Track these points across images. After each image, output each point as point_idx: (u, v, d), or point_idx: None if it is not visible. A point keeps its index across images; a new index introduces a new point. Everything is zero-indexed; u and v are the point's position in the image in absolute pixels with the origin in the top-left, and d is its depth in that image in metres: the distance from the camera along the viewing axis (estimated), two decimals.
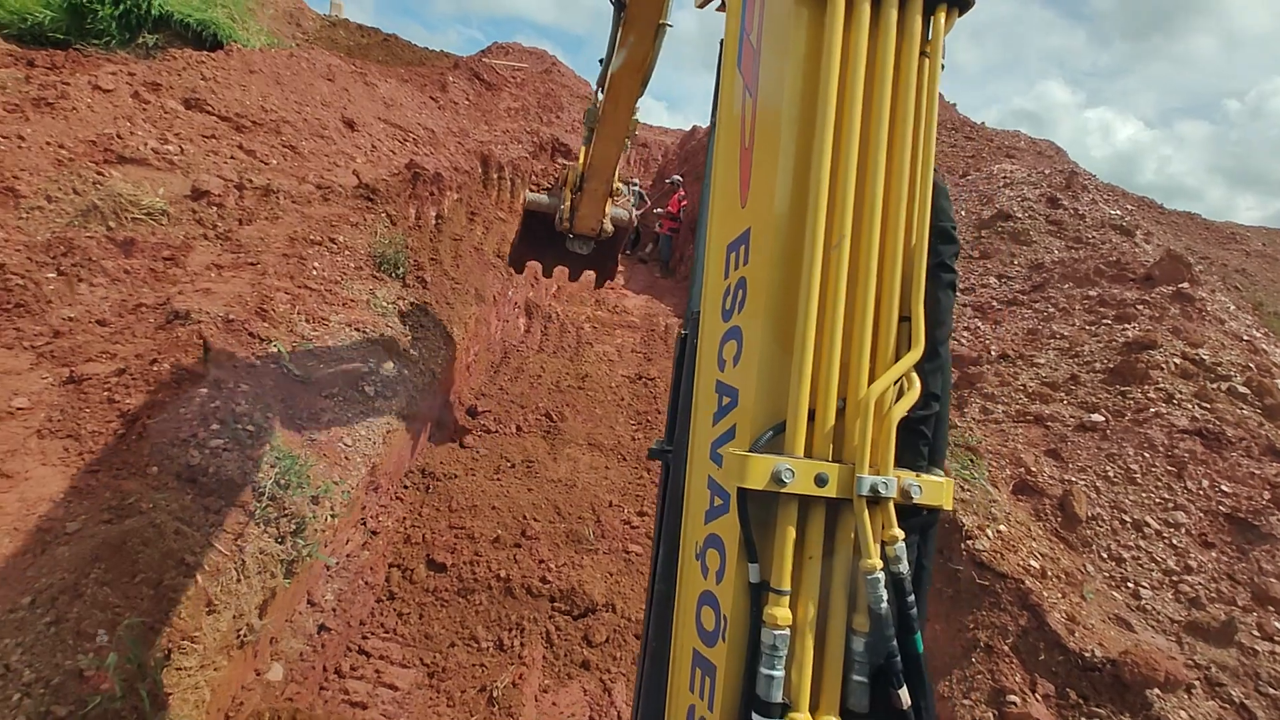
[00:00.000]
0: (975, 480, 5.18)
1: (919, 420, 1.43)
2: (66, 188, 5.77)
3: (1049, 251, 8.77)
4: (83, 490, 3.48)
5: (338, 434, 5.12)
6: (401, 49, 14.83)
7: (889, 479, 1.31)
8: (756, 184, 1.48)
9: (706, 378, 1.56)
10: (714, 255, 1.60)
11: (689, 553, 1.55)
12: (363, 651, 4.53)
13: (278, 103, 8.75)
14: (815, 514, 1.34)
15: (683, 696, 1.47)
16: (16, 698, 2.65)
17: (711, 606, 1.42)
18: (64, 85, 7.07)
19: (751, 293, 1.44)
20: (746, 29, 1.58)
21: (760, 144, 1.48)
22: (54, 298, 4.81)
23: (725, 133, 1.62)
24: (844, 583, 1.34)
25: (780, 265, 1.39)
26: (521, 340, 9.62)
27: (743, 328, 1.45)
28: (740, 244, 1.50)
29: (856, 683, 1.33)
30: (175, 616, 3.25)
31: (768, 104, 1.48)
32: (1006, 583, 4.26)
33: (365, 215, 7.47)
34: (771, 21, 1.50)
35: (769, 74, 1.49)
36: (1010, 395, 6.31)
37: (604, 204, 6.03)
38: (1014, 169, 12.15)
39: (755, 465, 1.29)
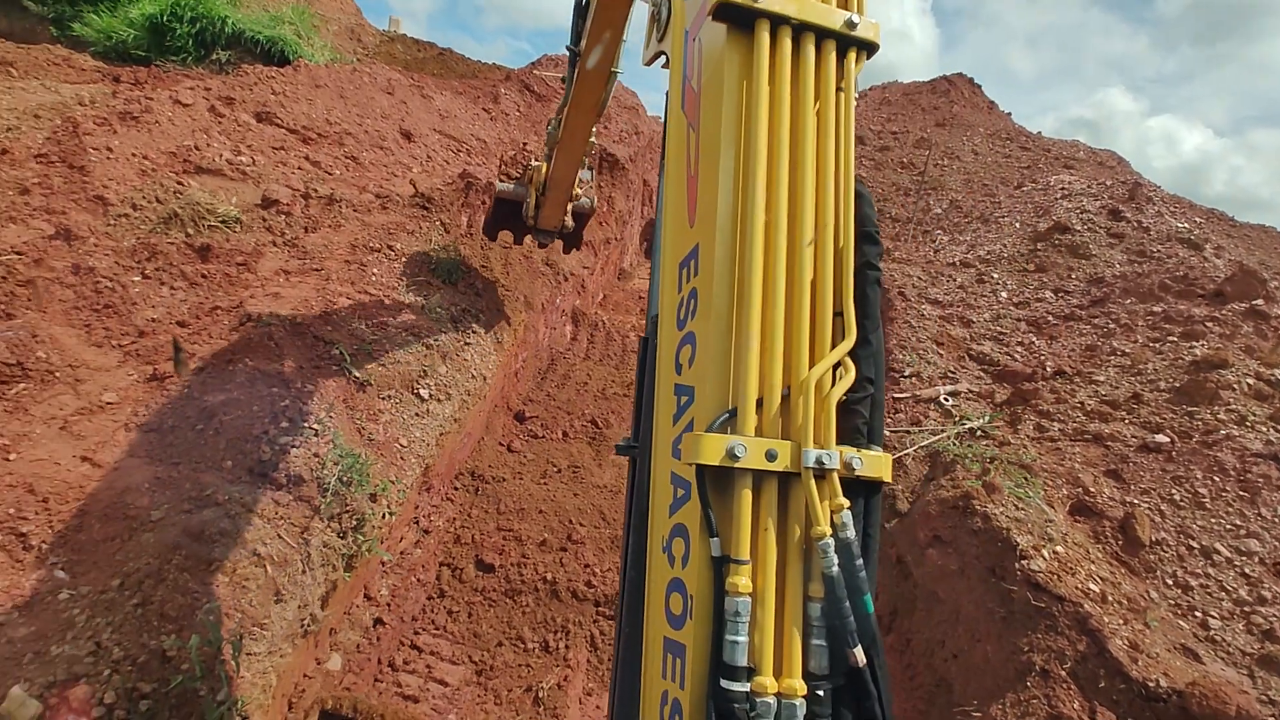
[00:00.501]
0: (1030, 499, 5.05)
1: (856, 402, 1.59)
2: (150, 196, 6.14)
3: (1110, 265, 8.49)
4: (165, 481, 3.70)
5: (394, 435, 5.29)
6: (456, 62, 15.26)
7: (832, 452, 1.47)
8: (702, 205, 1.67)
9: (665, 383, 1.70)
10: (668, 273, 1.77)
11: (656, 546, 1.65)
12: (415, 646, 4.67)
13: (341, 115, 9.13)
14: (768, 488, 1.46)
15: (655, 685, 1.54)
16: (107, 674, 2.84)
17: (679, 592, 1.52)
18: (147, 100, 7.53)
19: (701, 300, 1.61)
20: (688, 75, 1.81)
21: (704, 171, 1.68)
22: (139, 299, 5.12)
23: (673, 165, 1.82)
24: (798, 552, 1.45)
25: (726, 273, 1.57)
26: (568, 348, 9.76)
27: (696, 332, 1.61)
28: (690, 259, 1.68)
29: (816, 646, 1.42)
30: (247, 604, 3.42)
31: (709, 136, 1.68)
32: (1064, 605, 4.14)
33: (421, 223, 7.72)
34: (709, 67, 1.72)
35: (708, 110, 1.70)
36: (1067, 413, 6.13)
37: (565, 207, 6.58)
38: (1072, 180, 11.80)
39: (710, 443, 1.42)
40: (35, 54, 9.19)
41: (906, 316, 8.07)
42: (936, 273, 9.42)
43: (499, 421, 7.41)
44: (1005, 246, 9.83)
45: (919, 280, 9.09)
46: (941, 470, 5.67)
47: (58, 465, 3.66)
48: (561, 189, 6.15)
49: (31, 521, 3.34)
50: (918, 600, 4.96)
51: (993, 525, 4.69)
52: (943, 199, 12.57)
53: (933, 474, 5.73)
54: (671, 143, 1.85)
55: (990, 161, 14.42)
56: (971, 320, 8.11)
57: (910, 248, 10.65)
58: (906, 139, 15.78)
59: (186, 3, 10.96)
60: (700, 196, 1.68)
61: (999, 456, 5.60)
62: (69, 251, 5.30)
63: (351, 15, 15.07)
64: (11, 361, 4.15)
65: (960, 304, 8.50)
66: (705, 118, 1.71)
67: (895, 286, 8.72)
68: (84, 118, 6.83)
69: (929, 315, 8.16)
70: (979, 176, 13.49)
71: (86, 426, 3.98)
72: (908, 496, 5.67)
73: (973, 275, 9.27)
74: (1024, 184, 12.62)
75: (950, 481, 5.38)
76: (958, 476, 5.39)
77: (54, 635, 2.92)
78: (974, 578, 4.61)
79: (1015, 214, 10.96)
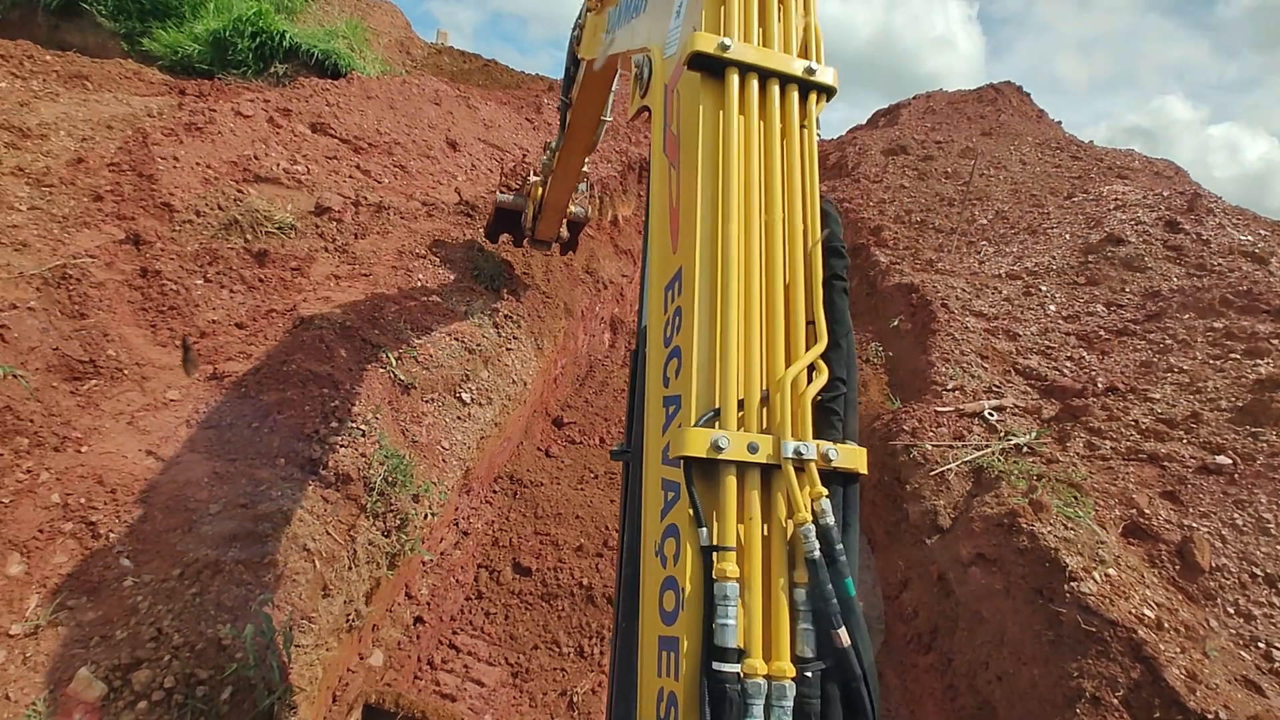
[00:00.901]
0: (1080, 519, 4.90)
1: (831, 400, 1.73)
2: (212, 203, 6.42)
3: (1167, 279, 8.20)
4: (223, 476, 3.86)
5: (437, 437, 5.41)
6: (500, 73, 15.58)
7: (809, 444, 1.59)
8: (683, 233, 1.83)
9: (655, 395, 1.81)
10: (654, 297, 1.91)
11: (649, 551, 1.71)
12: (453, 646, 4.75)
13: (391, 125, 9.41)
14: (751, 479, 1.57)
15: (651, 685, 1.58)
16: (167, 659, 2.97)
17: (672, 589, 1.57)
18: (211, 111, 7.88)
19: (685, 316, 1.74)
20: (668, 122, 2.02)
21: (684, 202, 1.86)
22: (200, 302, 5.36)
23: (656, 201, 2.00)
24: (782, 541, 1.54)
25: (706, 289, 1.72)
26: (606, 354, 9.83)
27: (681, 346, 1.73)
28: (675, 282, 1.82)
29: (803, 630, 1.49)
30: (296, 597, 3.53)
31: (688, 170, 1.87)
32: (1116, 630, 4.00)
33: (465, 230, 7.90)
34: (686, 112, 1.93)
35: (687, 148, 1.89)
36: (1120, 431, 5.93)
37: (560, 222, 6.99)
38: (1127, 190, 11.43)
39: (696, 436, 1.53)
40: (108, 68, 9.71)
41: (949, 329, 7.92)
42: (981, 285, 9.22)
43: (538, 426, 7.51)
44: (1054, 258, 9.57)
45: (963, 292, 8.90)
46: (985, 486, 5.54)
47: (125, 458, 3.85)
48: (556, 210, 6.55)
49: (100, 511, 3.52)
50: (959, 619, 4.84)
51: (1040, 545, 4.56)
52: (988, 209, 12.30)
53: (976, 490, 5.60)
54: (655, 183, 2.02)
55: (1039, 171, 14.06)
56: (1018, 334, 7.90)
57: (954, 259, 10.44)
58: (951, 148, 15.50)
59: (247, 18, 11.45)
60: (681, 225, 1.84)
61: (1047, 474, 5.44)
62: (137, 255, 5.57)
63: (401, 29, 15.52)
64: (85, 359, 4.38)
65: (1006, 317, 8.30)
66: (684, 155, 1.89)
67: (938, 298, 8.55)
68: (152, 128, 7.19)
69: (973, 328, 7.98)
70: (1027, 186, 13.16)
71: (151, 422, 4.18)
72: (949, 512, 5.55)
73: (1019, 288, 9.04)
74: (1075, 194, 12.26)
75: (995, 498, 5.25)
76: (1003, 493, 5.26)
77: (119, 620, 3.07)
78: (1020, 598, 4.48)
79: (1065, 225, 10.66)
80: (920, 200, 12.79)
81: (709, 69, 1.88)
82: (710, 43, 1.84)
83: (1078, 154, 15.22)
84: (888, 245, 10.92)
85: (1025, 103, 20.18)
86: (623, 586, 1.96)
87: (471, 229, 7.90)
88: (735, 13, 1.93)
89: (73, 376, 4.32)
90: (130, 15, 12.02)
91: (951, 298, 8.61)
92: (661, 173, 1.99)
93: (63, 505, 3.50)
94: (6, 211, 5.50)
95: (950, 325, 7.92)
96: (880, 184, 13.73)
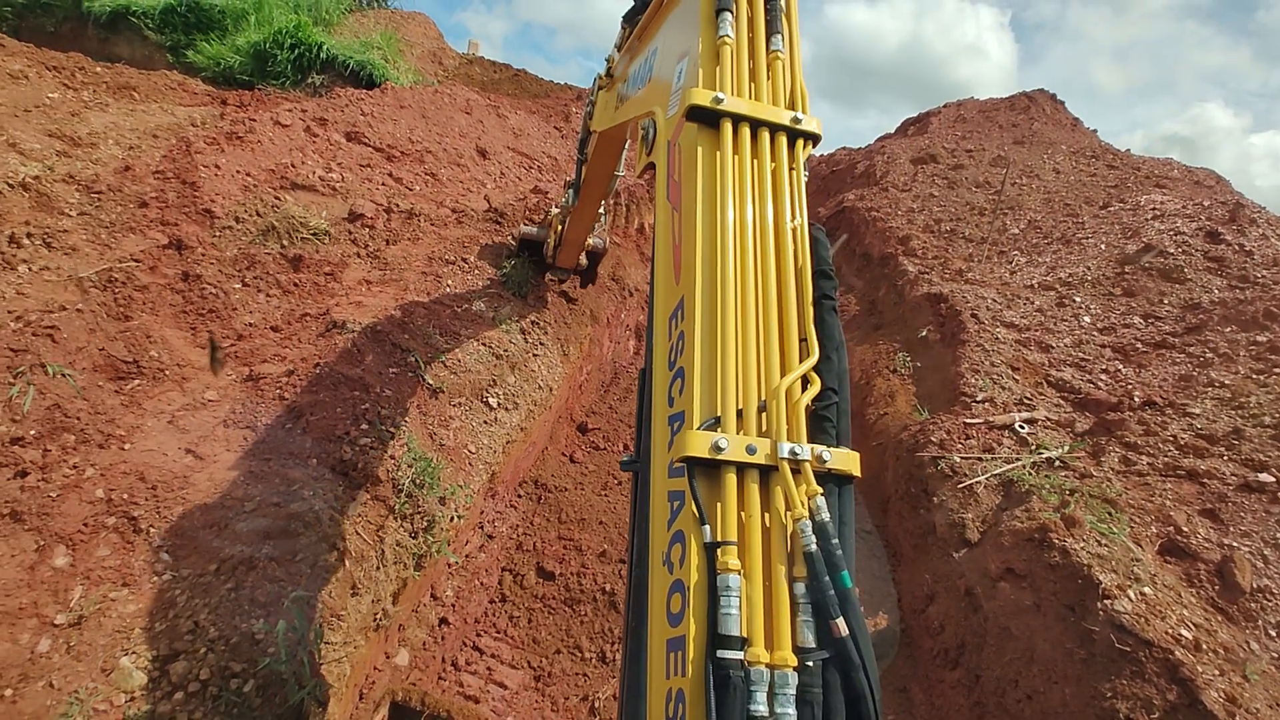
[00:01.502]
0: (1114, 535, 4.78)
1: (824, 409, 1.84)
2: (251, 210, 6.61)
3: (1207, 291, 7.98)
4: (258, 475, 3.96)
5: (463, 441, 5.48)
6: (529, 82, 15.79)
7: (804, 446, 1.68)
8: (685, 265, 2.00)
9: (660, 416, 1.92)
10: (659, 328, 2.05)
11: (657, 561, 1.78)
12: (477, 648, 4.79)
13: (423, 134, 9.59)
14: (750, 480, 1.66)
15: (660, 687, 1.61)
16: (203, 651, 3.05)
17: (679, 591, 1.63)
18: (251, 121, 8.12)
19: (687, 340, 1.87)
20: (671, 172, 2.21)
21: (686, 237, 2.04)
22: (238, 305, 5.52)
23: (661, 243, 2.19)
24: (781, 536, 1.61)
25: (706, 312, 1.86)
26: (631, 361, 9.87)
27: (683, 366, 1.85)
28: (678, 311, 1.97)
29: (803, 622, 1.54)
30: (326, 595, 3.61)
31: (689, 210, 2.06)
32: (1152, 651, 3.89)
33: (494, 237, 8.00)
34: (686, 160, 2.14)
35: (687, 189, 2.09)
36: (1157, 446, 5.78)
37: (580, 252, 7.35)
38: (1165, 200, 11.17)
39: (697, 438, 1.64)
40: (154, 79, 10.07)
41: (979, 340, 7.79)
42: (1012, 295, 9.06)
43: (563, 432, 7.56)
44: (1089, 269, 9.37)
45: (993, 303, 8.76)
46: (1015, 500, 5.43)
47: (165, 456, 3.97)
48: (575, 244, 6.98)
49: (141, 506, 3.63)
50: (988, 635, 4.75)
51: (1073, 561, 4.46)
52: (1020, 219, 12.10)
53: (1006, 504, 5.49)
54: (660, 228, 2.21)
55: (1073, 180, 13.79)
56: (1051, 345, 7.75)
57: (984, 269, 10.28)
58: (982, 157, 15.29)
59: (287, 31, 11.79)
60: (683, 258, 2.01)
61: (1080, 489, 5.32)
62: (179, 260, 5.76)
63: (434, 39, 15.83)
64: (129, 360, 4.54)
65: (1038, 328, 8.15)
66: (685, 195, 2.08)
67: (967, 308, 8.43)
68: (195, 137, 7.43)
69: (1004, 339, 7.85)
70: (1061, 195, 12.92)
71: (190, 421, 4.31)
72: (978, 526, 5.46)
73: (1052, 298, 8.87)
74: (1110, 204, 12.01)
75: (1025, 512, 5.15)
76: (1033, 508, 5.15)
77: (158, 613, 3.17)
78: (1051, 615, 4.39)
79: (1100, 235, 10.45)
80: (950, 209, 12.63)
81: (706, 120, 2.12)
82: (706, 97, 2.09)
83: (1114, 163, 14.90)
84: (916, 255, 10.79)
85: (1059, 110, 19.83)
86: (632, 589, 2.04)
87: (500, 236, 8.00)
88: (729, 71, 2.19)
89: (117, 376, 4.48)
90: (176, 28, 12.46)
91: (982, 308, 8.48)
92: (665, 218, 2.18)
93: (106, 500, 3.62)
94: (58, 217, 5.73)
95: (980, 336, 7.80)
96: (909, 193, 13.59)
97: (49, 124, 7.13)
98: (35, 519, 3.46)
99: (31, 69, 8.30)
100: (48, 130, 6.99)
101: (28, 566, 3.27)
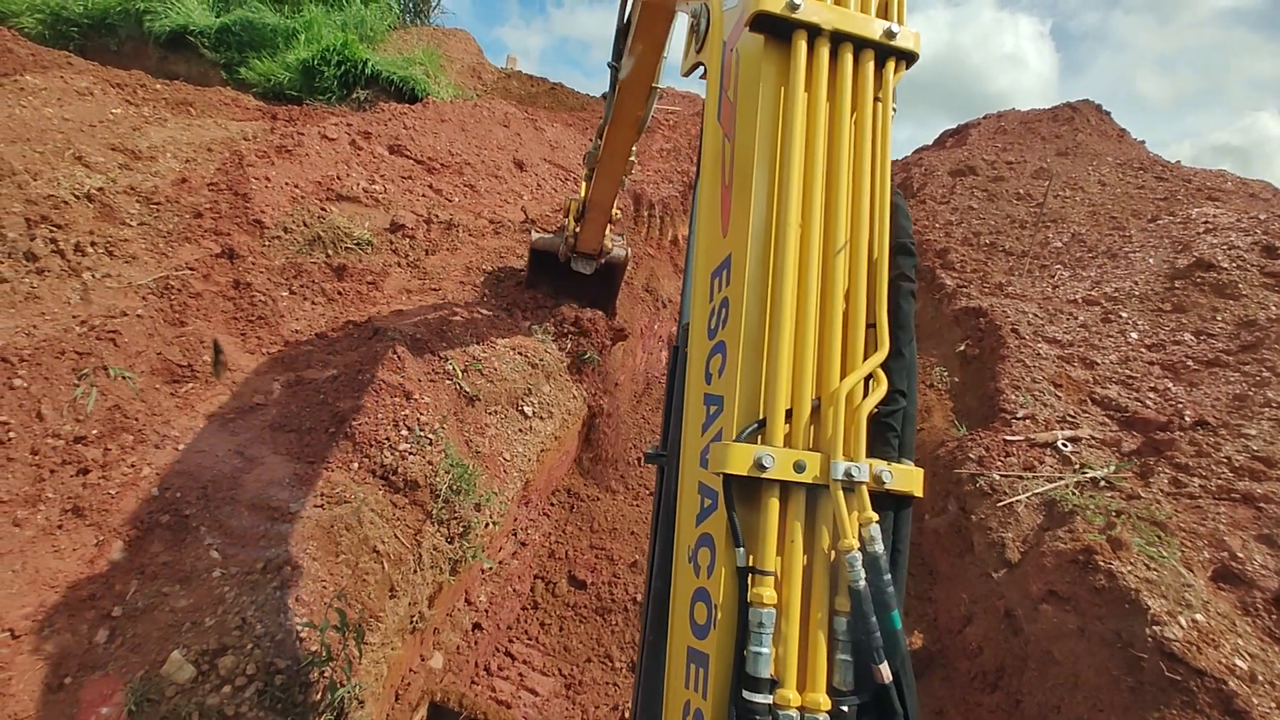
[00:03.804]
0: (1164, 559, 4.62)
1: (888, 415, 1.57)
2: (298, 221, 6.84)
3: (1264, 307, 7.69)
4: (302, 477, 4.08)
5: (499, 448, 5.56)
6: (566, 95, 16.03)
7: (861, 465, 1.45)
8: (735, 216, 1.67)
9: (695, 391, 1.69)
10: (699, 282, 1.77)
11: (682, 556, 1.63)
12: (509, 654, 4.84)
13: (462, 147, 9.81)
14: (795, 499, 1.45)
15: (678, 695, 1.51)
16: (249, 647, 3.15)
17: (704, 601, 1.49)
18: (299, 135, 8.41)
19: (732, 309, 1.60)
20: (725, 86, 1.80)
21: (738, 181, 1.68)
22: (285, 313, 5.71)
23: (708, 175, 1.83)
24: (825, 565, 1.43)
25: (757, 282, 1.57)
26: (664, 372, 9.89)
27: (726, 341, 1.60)
28: (723, 269, 1.67)
29: (841, 661, 1.39)
30: (366, 596, 3.69)
31: (744, 147, 1.69)
32: (1204, 680, 3.75)
33: None
34: (745, 77, 1.73)
35: (744, 121, 1.71)
36: (1210, 468, 5.57)
37: (604, 229, 6.47)
38: (1218, 213, 10.81)
39: (739, 452, 1.42)
40: (209, 95, 10.51)
41: (1020, 355, 7.62)
42: (1055, 310, 8.85)
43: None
44: (1136, 284, 9.11)
45: (1035, 317, 8.56)
46: (1058, 520, 5.29)
47: (216, 457, 4.12)
48: (601, 210, 6.17)
49: (193, 505, 3.77)
50: (1029, 659, 4.62)
51: (1119, 585, 4.32)
52: (1064, 232, 11.82)
53: (1048, 524, 5.35)
54: (707, 154, 1.85)
55: (1120, 192, 13.44)
56: (1095, 362, 7.55)
57: (1025, 283, 10.06)
58: (1023, 169, 15.00)
59: (334, 48, 12.21)
60: (734, 207, 1.69)
61: (1127, 510, 5.16)
62: (231, 268, 5.99)
63: (474, 55, 16.20)
64: (184, 364, 4.73)
65: (1083, 344, 7.94)
66: (741, 129, 1.71)
67: (1007, 323, 8.26)
68: (247, 150, 7.73)
69: (1046, 355, 7.66)
70: (1106, 208, 12.60)
71: (240, 424, 4.46)
72: (1018, 546, 5.32)
73: (1097, 314, 8.64)
74: (1160, 217, 11.66)
75: (1068, 533, 5.01)
76: (1077, 529, 5.01)
77: (207, 608, 3.28)
78: (1096, 640, 4.25)
79: (1149, 249, 10.15)
80: (989, 222, 12.41)
81: (774, 31, 1.66)
82: (778, 2, 1.61)
83: (1163, 174, 14.47)
84: (954, 268, 10.62)
85: (1105, 121, 19.35)
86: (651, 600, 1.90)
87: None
88: None
89: (173, 379, 4.67)
90: (230, 46, 13.01)
91: (1022, 323, 8.30)
92: (714, 143, 1.81)
93: (160, 498, 3.77)
94: (119, 226, 6.01)
95: (1021, 351, 7.63)
96: (947, 205, 13.39)
97: (112, 138, 7.49)
98: (95, 514, 3.62)
99: (97, 86, 8.74)
100: (111, 144, 7.34)
101: (88, 560, 3.43)
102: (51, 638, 3.11)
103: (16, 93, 7.67)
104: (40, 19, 13.32)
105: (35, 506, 3.57)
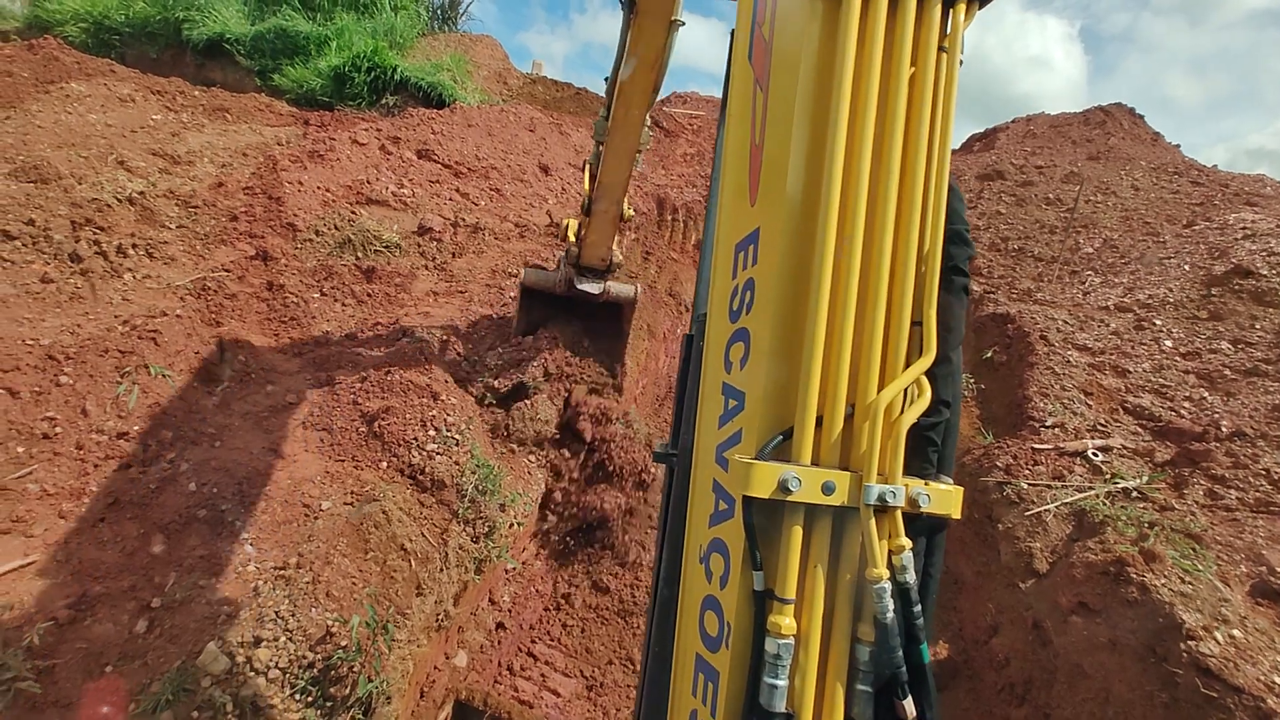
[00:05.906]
0: (1200, 573, 4.51)
1: (928, 427, 1.39)
2: (330, 224, 6.98)
3: None
4: (333, 475, 4.16)
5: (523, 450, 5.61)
6: (590, 100, 16.13)
7: (897, 488, 1.29)
8: (766, 182, 1.43)
9: (713, 380, 1.52)
10: (722, 254, 1.54)
11: (692, 556, 1.52)
12: (531, 654, 4.87)
13: (488, 152, 9.93)
14: (821, 522, 1.31)
15: (685, 700, 1.45)
16: (282, 640, 3.22)
17: (715, 611, 1.40)
18: (331, 140, 8.59)
19: (760, 294, 1.41)
20: (759, 20, 1.51)
21: (771, 140, 1.43)
22: (317, 314, 5.83)
23: (735, 128, 1.56)
24: (849, 592, 1.31)
25: (789, 266, 1.36)
26: None
27: (750, 330, 1.42)
28: (749, 244, 1.45)
29: (861, 692, 1.30)
30: (393, 593, 3.75)
31: (780, 99, 1.42)
32: (1241, 698, 3.65)
33: (555, 250, 8.20)
34: (785, 12, 1.44)
35: (781, 69, 1.42)
36: (1248, 480, 5.43)
37: (614, 229, 5.37)
38: (1257, 218, 10.54)
39: (762, 473, 1.26)
40: (244, 101, 10.77)
41: (1049, 362, 7.50)
42: (1086, 317, 8.69)
43: None
44: (1171, 291, 8.91)
45: (1064, 324, 8.41)
46: (1088, 531, 5.19)
47: (251, 454, 4.22)
48: (612, 198, 4.98)
49: (229, 501, 3.87)
50: (1058, 672, 4.54)
51: (1153, 598, 4.23)
52: (1095, 238, 11.61)
53: (1077, 534, 5.25)
54: (735, 100, 1.58)
55: (1154, 197, 13.16)
56: (1128, 370, 7.39)
57: (1055, 289, 9.90)
58: (1053, 174, 14.76)
59: (365, 55, 12.44)
60: (764, 171, 1.44)
61: (1160, 522, 5.05)
62: (265, 270, 6.13)
63: (500, 60, 16.39)
64: (220, 363, 4.85)
65: (1114, 351, 7.78)
66: (776, 77, 1.43)
67: (1036, 330, 8.13)
68: (281, 155, 7.91)
69: (1076, 362, 7.52)
70: (1139, 214, 12.34)
71: (273, 423, 4.57)
72: (1047, 556, 5.23)
73: (1130, 321, 8.47)
74: (1195, 222, 11.40)
75: (1099, 544, 4.91)
76: (1108, 540, 4.91)
77: (242, 601, 3.36)
78: (1128, 654, 4.17)
79: (1184, 255, 9.93)
80: (1018, 227, 12.22)
81: None
82: None
83: (1199, 179, 14.14)
84: (981, 274, 10.49)
85: (1138, 125, 18.95)
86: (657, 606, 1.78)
87: (561, 249, 8.19)
88: None
89: (209, 378, 4.79)
90: (264, 54, 13.32)
91: (1052, 329, 8.16)
92: (744, 90, 1.54)
93: (198, 493, 3.87)
94: (159, 229, 6.19)
95: (1050, 358, 7.51)
96: (974, 209, 13.22)
97: (153, 143, 7.72)
98: (135, 508, 3.73)
99: (138, 93, 9.01)
100: (151, 149, 7.56)
101: (129, 553, 3.53)
102: (93, 626, 3.21)
103: (63, 99, 7.94)
104: (84, 28, 13.78)
105: (80, 499, 3.69)
